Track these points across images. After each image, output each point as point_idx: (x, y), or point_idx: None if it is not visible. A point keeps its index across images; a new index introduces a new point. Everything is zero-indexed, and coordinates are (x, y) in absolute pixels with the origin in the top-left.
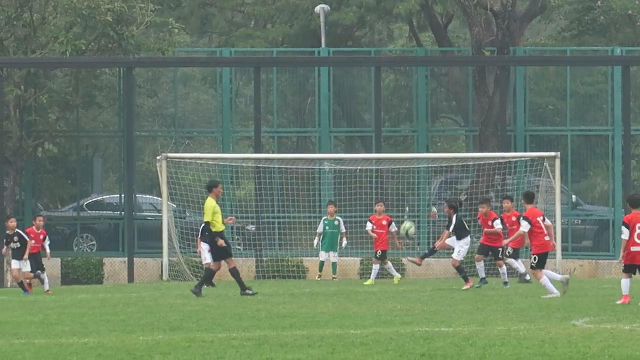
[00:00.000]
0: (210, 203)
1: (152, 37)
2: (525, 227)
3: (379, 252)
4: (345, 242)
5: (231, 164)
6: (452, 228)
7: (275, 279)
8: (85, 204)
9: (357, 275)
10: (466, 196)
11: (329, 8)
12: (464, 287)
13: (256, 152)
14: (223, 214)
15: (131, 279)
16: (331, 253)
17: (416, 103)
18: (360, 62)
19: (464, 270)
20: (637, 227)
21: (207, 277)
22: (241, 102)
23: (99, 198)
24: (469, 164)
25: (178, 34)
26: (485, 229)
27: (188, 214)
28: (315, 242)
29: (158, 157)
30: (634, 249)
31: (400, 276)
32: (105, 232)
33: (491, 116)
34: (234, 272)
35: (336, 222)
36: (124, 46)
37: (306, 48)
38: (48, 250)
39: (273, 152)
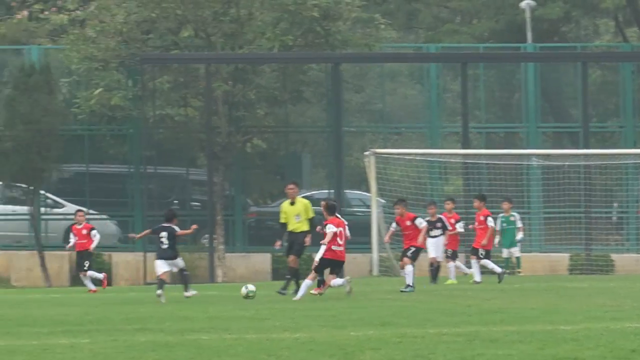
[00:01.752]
0: None
1: (358, 32)
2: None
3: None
4: (520, 235)
5: (439, 159)
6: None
7: (485, 274)
8: None
9: (566, 271)
10: None
11: (535, 3)
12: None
13: (464, 147)
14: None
15: (340, 274)
16: (512, 249)
17: (623, 98)
18: (566, 57)
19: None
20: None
21: None
22: (448, 97)
23: (308, 193)
24: None
25: (384, 30)
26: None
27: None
28: (496, 240)
29: (366, 153)
30: (335, 248)
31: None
32: (314, 227)
33: None
34: None
35: (512, 218)
36: (331, 42)
37: (512, 43)
38: (94, 240)
39: (481, 148)
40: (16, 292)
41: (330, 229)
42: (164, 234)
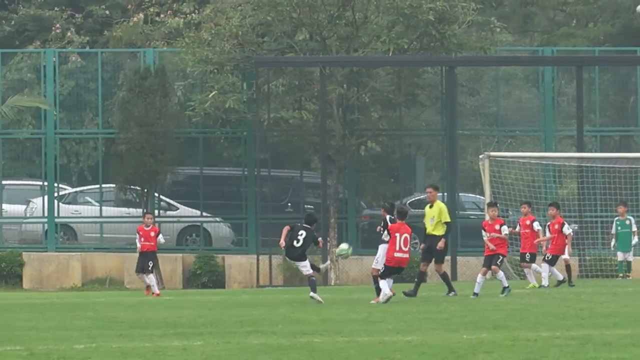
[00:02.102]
0: None
1: (473, 35)
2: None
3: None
4: (635, 239)
5: (553, 163)
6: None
7: (598, 278)
8: (408, 202)
9: None
10: None
11: None
12: (372, 302)
13: (578, 151)
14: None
15: (454, 276)
16: (627, 253)
17: None
18: None
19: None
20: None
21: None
22: (563, 100)
23: (422, 196)
24: None
25: (499, 33)
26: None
27: (511, 213)
28: (612, 243)
29: (480, 156)
30: (397, 254)
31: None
32: (450, 231)
33: None
34: None
35: (627, 222)
36: (446, 45)
37: (628, 47)
38: (161, 241)
39: (595, 151)
40: (129, 295)
41: (385, 237)
42: (302, 232)
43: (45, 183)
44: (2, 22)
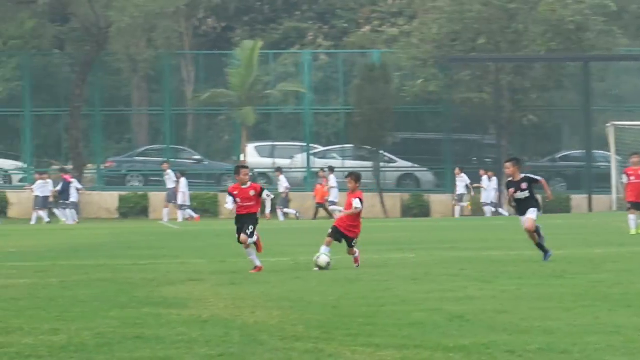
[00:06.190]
0: None
1: (602, 39)
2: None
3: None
4: None
5: None
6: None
7: None
8: (558, 156)
9: None
10: None
11: None
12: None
13: None
14: None
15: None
16: None
17: None
18: None
19: None
20: None
21: None
22: None
23: (566, 153)
24: None
25: (620, 38)
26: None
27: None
28: None
29: (607, 125)
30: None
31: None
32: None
33: None
34: None
35: None
36: (583, 46)
37: None
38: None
39: None
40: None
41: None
42: (524, 184)
43: (304, 144)
44: (273, 32)
